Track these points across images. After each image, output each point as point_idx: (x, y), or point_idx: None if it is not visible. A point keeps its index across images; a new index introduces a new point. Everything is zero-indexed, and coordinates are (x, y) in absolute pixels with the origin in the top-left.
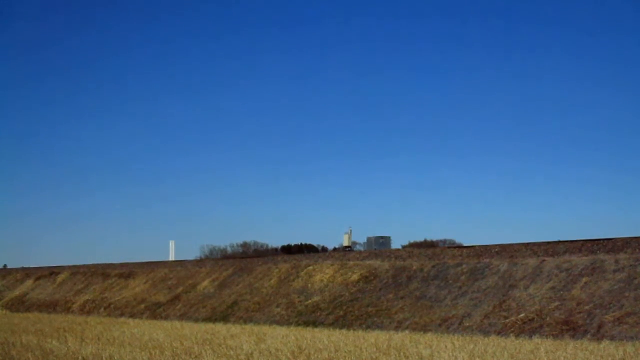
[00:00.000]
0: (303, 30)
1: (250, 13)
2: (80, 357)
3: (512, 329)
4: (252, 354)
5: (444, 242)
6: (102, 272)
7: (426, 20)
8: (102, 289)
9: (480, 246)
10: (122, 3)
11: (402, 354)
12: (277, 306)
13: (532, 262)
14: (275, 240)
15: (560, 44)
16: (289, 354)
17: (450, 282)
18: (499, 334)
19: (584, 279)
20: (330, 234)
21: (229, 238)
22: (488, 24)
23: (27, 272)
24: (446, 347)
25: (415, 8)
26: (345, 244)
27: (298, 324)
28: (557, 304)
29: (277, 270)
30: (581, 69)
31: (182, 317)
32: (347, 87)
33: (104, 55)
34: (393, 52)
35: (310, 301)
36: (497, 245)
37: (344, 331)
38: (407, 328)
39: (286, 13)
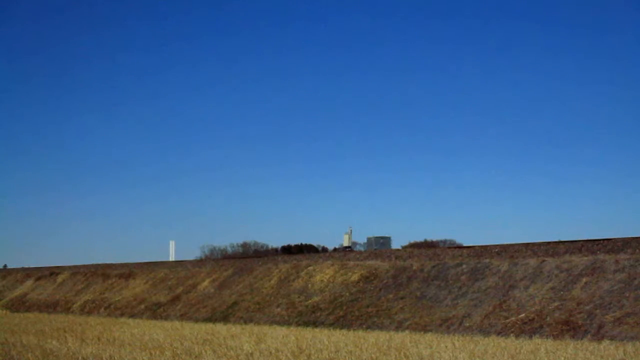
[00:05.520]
0: (304, 30)
1: (250, 13)
2: (80, 357)
3: (512, 329)
4: (252, 354)
5: (444, 242)
6: (102, 272)
7: (427, 21)
8: (102, 289)
9: (480, 246)
10: (122, 3)
11: (402, 354)
12: (277, 306)
13: (532, 262)
14: (275, 240)
15: (559, 44)
16: (289, 354)
17: (450, 282)
18: (499, 334)
19: (584, 279)
20: (330, 234)
21: (229, 238)
22: (494, 24)
23: (27, 272)
24: (446, 347)
25: (415, 8)
26: (345, 244)
27: (298, 324)
28: (557, 304)
29: (277, 270)
30: (581, 69)
31: (182, 317)
32: (347, 87)
33: (104, 54)
34: (393, 52)
35: (310, 301)
36: (497, 245)
37: (344, 331)
38: (407, 328)
39: (286, 13)
